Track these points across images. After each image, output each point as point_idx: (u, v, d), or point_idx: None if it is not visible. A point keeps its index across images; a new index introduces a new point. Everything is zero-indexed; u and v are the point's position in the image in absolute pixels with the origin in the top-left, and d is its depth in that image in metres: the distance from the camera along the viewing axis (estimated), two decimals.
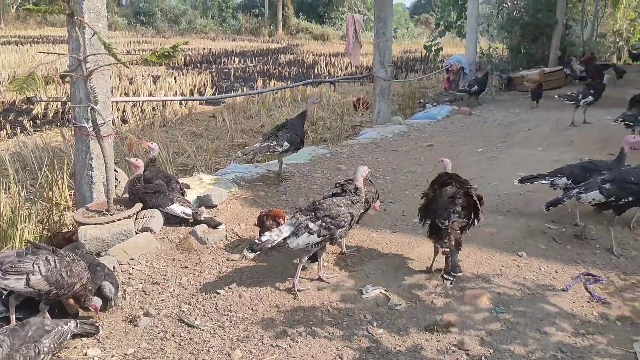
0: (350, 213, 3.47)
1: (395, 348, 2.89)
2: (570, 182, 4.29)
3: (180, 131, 9.39)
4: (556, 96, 8.91)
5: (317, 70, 20.45)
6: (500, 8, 15.90)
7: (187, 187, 4.84)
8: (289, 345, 2.92)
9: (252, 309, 3.29)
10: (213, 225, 4.26)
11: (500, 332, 3.00)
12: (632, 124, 6.74)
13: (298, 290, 3.44)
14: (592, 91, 8.36)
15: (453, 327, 3.05)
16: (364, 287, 3.47)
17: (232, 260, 3.92)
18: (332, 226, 3.39)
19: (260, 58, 25.06)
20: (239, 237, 4.29)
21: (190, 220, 4.31)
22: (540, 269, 3.72)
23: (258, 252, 3.35)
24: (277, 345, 2.92)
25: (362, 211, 3.68)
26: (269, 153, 5.25)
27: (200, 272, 3.75)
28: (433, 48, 15.91)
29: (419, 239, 4.12)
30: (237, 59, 23.96)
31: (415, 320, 3.14)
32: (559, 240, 4.14)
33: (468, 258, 3.90)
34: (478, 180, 5.51)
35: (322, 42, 39.82)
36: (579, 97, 8.30)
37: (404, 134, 8.27)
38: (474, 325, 3.07)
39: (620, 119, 6.83)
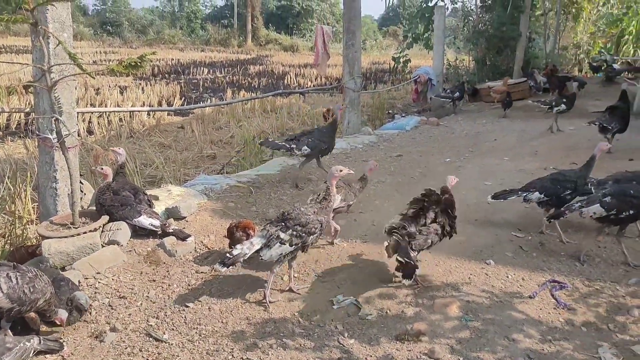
0: (319, 220, 3.48)
1: (366, 358, 2.89)
2: (543, 195, 4.36)
3: (148, 142, 9.27)
4: (529, 101, 9.14)
5: (287, 81, 20.50)
6: (466, 21, 16.25)
7: (156, 198, 4.78)
8: (260, 358, 2.88)
9: (222, 322, 3.24)
10: (182, 237, 4.20)
11: (469, 340, 3.03)
12: (608, 126, 7.09)
13: (270, 302, 3.41)
14: (564, 100, 8.63)
15: (423, 336, 3.06)
16: (335, 298, 3.47)
17: (202, 272, 3.87)
18: (304, 234, 3.39)
19: (230, 69, 24.98)
20: (209, 248, 4.24)
21: (159, 233, 4.25)
22: (507, 277, 3.78)
23: (230, 267, 3.30)
24: (247, 358, 2.88)
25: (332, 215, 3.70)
26: (288, 153, 5.53)
27: (169, 285, 3.68)
28: (401, 60, 16.11)
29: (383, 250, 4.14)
30: (206, 70, 23.84)
31: (386, 330, 3.15)
32: (526, 248, 4.22)
33: (438, 267, 3.94)
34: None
35: (292, 53, 39.94)
36: (553, 104, 8.59)
37: (373, 145, 8.33)
38: (444, 334, 3.10)
39: (596, 122, 7.16)
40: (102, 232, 4.10)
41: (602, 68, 17.01)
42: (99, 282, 3.64)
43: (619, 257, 3.96)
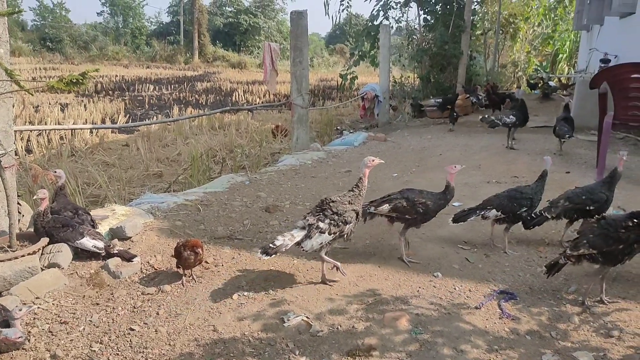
0: (354, 210, 3.76)
1: None
2: (500, 213, 4.45)
3: (91, 161, 8.99)
4: (480, 118, 9.38)
5: (235, 98, 20.42)
6: (410, 40, 16.72)
7: (105, 218, 4.62)
8: None
9: (169, 344, 3.15)
10: (127, 258, 4.07)
11: (419, 353, 3.06)
12: (565, 134, 8.18)
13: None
14: (513, 112, 8.90)
15: (374, 351, 3.07)
16: (286, 315, 3.44)
17: (148, 293, 3.75)
18: (340, 223, 3.68)
19: (176, 85, 24.67)
20: (156, 269, 4.12)
21: (102, 254, 4.10)
22: (455, 289, 3.85)
23: (272, 255, 3.57)
24: None
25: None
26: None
27: (113, 308, 3.55)
28: (348, 77, 16.38)
29: (338, 263, 4.15)
30: (151, 87, 23.46)
31: (337, 346, 3.14)
32: (472, 260, 4.32)
33: (387, 281, 3.97)
34: None
35: (240, 70, 39.86)
36: (507, 121, 8.82)
37: (322, 160, 8.38)
38: (394, 348, 3.11)
39: (557, 127, 8.15)
40: (41, 254, 3.92)
41: (539, 85, 17.84)
42: (38, 308, 3.47)
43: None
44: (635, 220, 3.31)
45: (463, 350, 3.09)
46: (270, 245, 3.57)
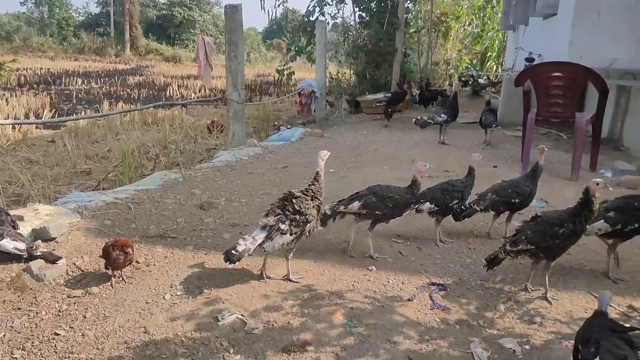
0: (316, 206, 3.80)
1: None
2: (433, 205, 4.56)
3: (13, 158, 8.50)
4: (413, 121, 9.49)
5: (169, 93, 19.92)
6: (346, 36, 16.85)
7: (21, 219, 4.37)
8: None
9: (97, 348, 3.03)
10: (51, 259, 3.88)
11: (353, 346, 3.10)
12: (492, 124, 8.84)
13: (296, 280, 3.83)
14: (444, 110, 9.15)
15: (309, 346, 3.08)
16: (220, 314, 3.38)
17: (75, 296, 3.59)
18: (302, 223, 3.70)
19: (107, 79, 23.77)
20: (83, 270, 3.95)
21: (25, 256, 3.89)
22: (388, 281, 3.93)
23: (236, 262, 3.56)
24: None
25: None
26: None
27: (37, 312, 3.38)
28: (285, 72, 16.33)
29: (275, 260, 4.13)
30: (80, 80, 22.50)
31: (272, 343, 3.13)
32: (405, 253, 4.42)
33: (323, 276, 4.00)
34: (331, 199, 5.65)
35: (174, 64, 38.92)
36: (439, 120, 9.04)
37: (259, 156, 8.32)
38: (329, 342, 3.14)
39: (482, 119, 8.71)
40: None
41: (470, 82, 18.47)
42: None
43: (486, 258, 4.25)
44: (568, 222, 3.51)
45: (396, 342, 3.15)
46: (233, 252, 3.54)
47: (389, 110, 11.69)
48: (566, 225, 3.51)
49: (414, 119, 9.42)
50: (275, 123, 13.70)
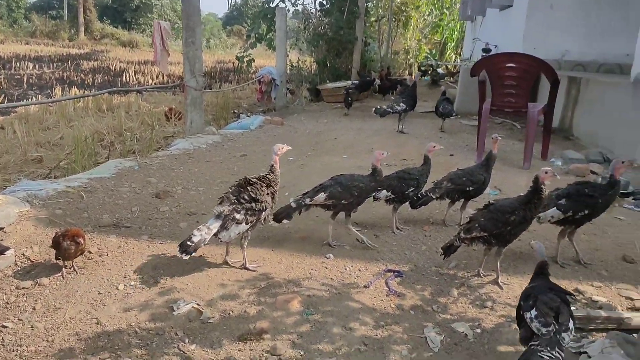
0: (271, 193, 3.81)
1: None
2: (390, 193, 4.60)
3: None
4: (373, 110, 9.52)
5: (126, 79, 19.43)
6: (307, 24, 16.74)
7: None
8: None
9: (47, 341, 2.95)
10: None
11: (310, 333, 3.12)
12: (450, 112, 9.21)
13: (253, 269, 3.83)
14: (403, 99, 9.21)
15: (266, 334, 3.09)
16: (175, 303, 3.35)
17: (24, 288, 3.49)
18: (257, 211, 3.70)
19: (60, 64, 22.99)
20: (32, 261, 3.84)
21: None
22: (345, 269, 3.96)
23: (192, 254, 3.53)
24: None
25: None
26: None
27: None
28: (245, 59, 16.12)
29: (232, 249, 4.11)
30: (31, 64, 21.71)
31: (228, 332, 3.12)
32: (362, 241, 4.45)
33: (280, 264, 4.00)
34: (290, 188, 5.69)
35: (131, 49, 37.91)
36: (398, 109, 9.07)
37: (217, 144, 8.22)
38: (285, 330, 3.15)
39: (440, 107, 8.98)
40: None
41: (429, 72, 18.68)
42: None
43: (441, 244, 4.31)
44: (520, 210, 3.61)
45: (352, 328, 3.19)
46: (188, 242, 3.51)
47: (350, 98, 11.72)
48: (517, 213, 3.61)
49: (373, 108, 9.47)
50: (235, 111, 13.54)
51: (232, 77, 21.39)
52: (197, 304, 3.37)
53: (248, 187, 3.76)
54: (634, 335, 3.09)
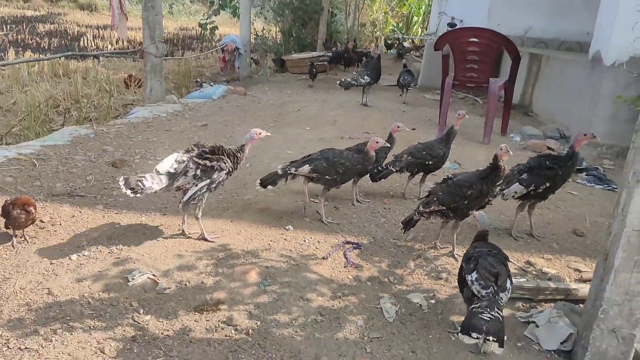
0: (228, 162, 3.75)
1: (163, 333, 2.81)
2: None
3: None
4: (338, 83, 9.47)
5: (84, 43, 18.71)
6: None
7: None
8: (41, 346, 2.62)
9: None
10: None
11: (267, 304, 3.13)
12: (410, 83, 9.38)
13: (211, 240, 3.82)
14: (367, 72, 9.18)
15: (222, 305, 3.08)
16: (130, 274, 3.29)
17: None
18: (209, 170, 3.66)
19: (13, 26, 21.90)
20: None
21: None
22: (304, 241, 3.97)
23: (138, 194, 3.48)
24: (26, 348, 2.60)
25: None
26: None
27: None
28: (208, 26, 15.72)
29: (190, 220, 4.05)
30: None
31: (184, 302, 3.09)
32: (322, 216, 4.45)
33: (239, 235, 3.97)
34: (251, 159, 5.63)
35: (90, 12, 36.40)
36: (362, 82, 9.05)
37: (178, 114, 8.04)
38: (242, 300, 3.14)
39: (401, 79, 9.20)
40: None
41: (395, 45, 18.66)
42: None
43: (400, 217, 4.37)
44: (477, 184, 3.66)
45: (309, 299, 3.21)
46: (139, 183, 3.47)
47: (314, 70, 11.61)
48: (475, 187, 3.66)
49: (338, 81, 9.44)
50: (198, 80, 13.23)
51: (195, 44, 20.83)
52: (153, 274, 3.32)
53: (211, 147, 3.76)
54: (580, 305, 3.21)
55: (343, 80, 9.25)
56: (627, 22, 6.17)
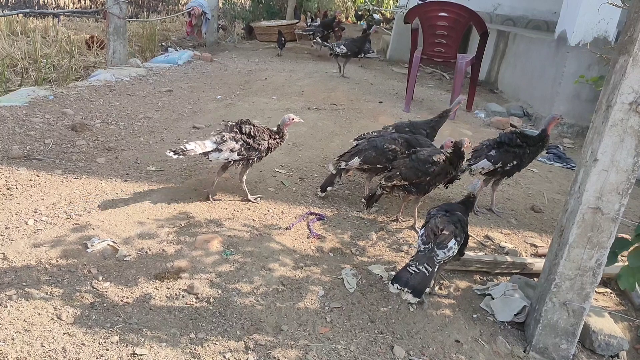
0: (268, 142, 3.90)
1: (122, 300, 2.79)
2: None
3: None
4: (314, 40, 9.44)
5: (43, 1, 17.90)
6: None
7: None
8: None
9: None
10: None
11: (229, 273, 3.13)
12: (368, 50, 9.33)
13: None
14: (344, 43, 9.08)
15: (184, 273, 3.07)
16: (90, 240, 3.24)
17: None
18: (250, 149, 3.79)
19: None
20: None
21: None
22: (268, 211, 3.97)
23: (180, 155, 3.50)
24: None
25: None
26: None
27: None
28: None
29: (152, 187, 4.00)
30: None
31: (145, 270, 3.07)
32: (287, 183, 4.46)
33: (202, 204, 3.94)
34: (215, 127, 5.55)
35: None
36: (337, 51, 8.99)
37: (142, 78, 7.83)
38: (204, 269, 3.14)
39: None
40: None
41: (365, 17, 18.50)
42: None
43: (364, 190, 4.41)
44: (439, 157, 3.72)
45: (271, 269, 3.23)
46: (181, 147, 3.55)
47: (283, 39, 11.42)
48: (437, 163, 3.71)
49: (313, 40, 9.51)
50: (163, 44, 12.87)
51: (161, 7, 20.19)
52: (113, 241, 3.28)
53: (250, 125, 3.85)
54: (535, 279, 3.33)
55: (319, 40, 9.23)
56: (592, 3, 6.27)
